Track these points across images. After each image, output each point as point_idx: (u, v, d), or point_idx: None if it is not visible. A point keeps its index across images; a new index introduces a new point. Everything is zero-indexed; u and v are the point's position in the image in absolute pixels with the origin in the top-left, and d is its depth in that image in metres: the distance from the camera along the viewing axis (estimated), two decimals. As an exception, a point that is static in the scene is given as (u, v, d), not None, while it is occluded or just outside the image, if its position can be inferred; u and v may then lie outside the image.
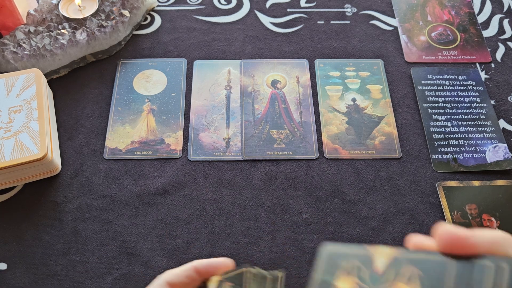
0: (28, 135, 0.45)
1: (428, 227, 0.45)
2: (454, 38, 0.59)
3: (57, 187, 0.47)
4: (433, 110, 0.53)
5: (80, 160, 0.49)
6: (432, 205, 0.47)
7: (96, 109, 0.53)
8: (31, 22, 0.55)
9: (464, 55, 0.58)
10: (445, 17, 0.61)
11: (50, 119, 0.48)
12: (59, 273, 0.42)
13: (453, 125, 0.52)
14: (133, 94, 0.54)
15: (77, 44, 0.53)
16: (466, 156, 0.50)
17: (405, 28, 0.60)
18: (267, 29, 0.60)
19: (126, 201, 0.46)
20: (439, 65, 0.57)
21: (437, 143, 0.51)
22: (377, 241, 0.44)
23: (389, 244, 0.44)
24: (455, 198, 0.47)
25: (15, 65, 0.52)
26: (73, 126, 0.51)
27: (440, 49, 0.58)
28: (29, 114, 0.46)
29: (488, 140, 0.51)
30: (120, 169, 0.48)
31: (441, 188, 0.47)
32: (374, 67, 0.56)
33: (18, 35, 0.53)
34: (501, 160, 0.49)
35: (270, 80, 0.55)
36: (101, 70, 0.56)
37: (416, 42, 0.59)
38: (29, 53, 0.52)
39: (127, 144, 0.50)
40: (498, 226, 0.45)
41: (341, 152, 0.50)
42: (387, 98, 0.54)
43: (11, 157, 0.43)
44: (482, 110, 0.53)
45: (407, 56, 0.57)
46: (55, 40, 0.53)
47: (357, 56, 0.57)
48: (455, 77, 0.56)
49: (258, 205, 0.47)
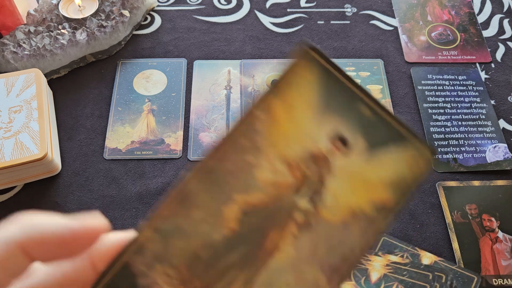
0: (28, 135, 0.45)
1: (428, 227, 0.45)
2: (454, 38, 0.59)
3: (57, 187, 0.47)
4: (433, 110, 0.53)
5: (80, 160, 0.49)
6: (432, 205, 0.46)
7: (96, 109, 0.53)
8: (31, 22, 0.55)
9: (464, 55, 0.58)
10: (445, 17, 0.61)
11: (50, 119, 0.48)
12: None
13: (453, 125, 0.52)
14: (133, 94, 0.54)
15: (77, 44, 0.53)
16: (466, 156, 0.50)
17: (405, 28, 0.60)
18: (267, 29, 0.60)
19: (126, 201, 0.46)
20: (439, 65, 0.57)
21: (437, 143, 0.51)
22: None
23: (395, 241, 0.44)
24: (455, 198, 0.47)
25: (15, 65, 0.52)
26: (73, 126, 0.51)
27: (440, 49, 0.58)
28: (29, 114, 0.46)
29: (488, 140, 0.51)
30: (120, 169, 0.48)
31: (441, 188, 0.47)
32: (374, 67, 0.56)
33: (18, 35, 0.53)
34: (501, 160, 0.49)
35: (270, 80, 0.55)
36: (101, 70, 0.56)
37: (416, 42, 0.59)
38: (29, 53, 0.52)
39: (127, 144, 0.50)
40: (498, 226, 0.45)
41: (341, 152, 0.50)
42: (387, 98, 0.54)
43: (11, 157, 0.43)
44: (482, 110, 0.53)
45: (407, 56, 0.57)
46: (55, 40, 0.53)
47: (357, 56, 0.57)
48: (455, 77, 0.56)
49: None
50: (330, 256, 0.18)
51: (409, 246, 0.43)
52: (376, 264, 0.40)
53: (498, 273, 0.43)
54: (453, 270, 0.41)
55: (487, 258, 0.43)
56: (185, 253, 0.18)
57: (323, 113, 0.19)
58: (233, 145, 0.19)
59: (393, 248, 0.42)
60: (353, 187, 0.19)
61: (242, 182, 0.19)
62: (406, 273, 0.40)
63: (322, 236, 0.19)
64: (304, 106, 0.19)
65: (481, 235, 0.45)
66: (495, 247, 0.44)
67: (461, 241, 0.44)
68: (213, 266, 0.18)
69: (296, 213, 0.19)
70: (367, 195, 0.19)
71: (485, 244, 0.44)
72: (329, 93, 0.19)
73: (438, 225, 0.45)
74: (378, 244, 0.43)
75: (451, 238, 0.44)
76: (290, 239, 0.19)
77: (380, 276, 0.40)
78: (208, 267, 0.18)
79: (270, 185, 0.19)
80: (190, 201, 0.19)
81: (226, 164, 0.19)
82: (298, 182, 0.19)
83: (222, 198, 0.19)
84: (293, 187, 0.19)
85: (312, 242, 0.19)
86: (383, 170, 0.19)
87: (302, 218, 0.19)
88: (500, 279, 0.42)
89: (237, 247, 0.19)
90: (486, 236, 0.45)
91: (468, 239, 0.44)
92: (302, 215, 0.19)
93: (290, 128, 0.19)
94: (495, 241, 0.44)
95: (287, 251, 0.19)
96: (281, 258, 0.19)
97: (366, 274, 0.40)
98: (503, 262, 0.43)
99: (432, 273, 0.40)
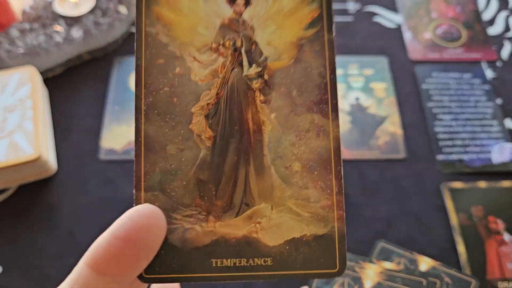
0: (22, 135, 0.44)
1: (434, 230, 0.44)
2: (459, 35, 0.58)
3: (52, 189, 0.46)
4: (438, 109, 0.52)
5: (76, 160, 0.48)
6: (437, 207, 0.45)
7: (92, 108, 0.51)
8: (26, 19, 0.54)
9: (470, 52, 0.57)
10: (450, 14, 0.60)
11: (45, 119, 0.47)
12: (54, 276, 0.41)
13: (458, 124, 0.51)
14: (130, 93, 0.53)
15: (73, 41, 0.52)
16: (471, 157, 0.49)
17: (410, 25, 0.59)
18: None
19: (123, 202, 0.45)
20: (444, 63, 0.56)
21: (442, 143, 0.50)
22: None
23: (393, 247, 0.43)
24: (460, 200, 0.46)
25: (10, 63, 0.51)
26: (68, 126, 0.50)
27: (445, 47, 0.57)
28: (23, 113, 0.45)
29: (494, 140, 0.50)
30: (116, 170, 0.47)
31: (446, 189, 0.46)
32: (378, 65, 0.55)
33: (12, 33, 0.52)
34: (507, 161, 0.48)
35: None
36: (97, 68, 0.55)
37: (420, 40, 0.57)
38: (24, 51, 0.51)
39: (123, 144, 0.49)
40: (505, 228, 0.44)
41: (344, 153, 0.49)
42: (391, 97, 0.53)
43: (5, 157, 0.42)
44: (487, 109, 0.52)
45: (411, 53, 0.56)
46: (50, 37, 0.52)
47: (360, 54, 0.56)
48: (460, 75, 0.55)
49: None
50: (307, 94, 0.19)
51: (408, 251, 0.42)
52: (370, 271, 0.40)
53: (503, 276, 0.42)
54: (451, 274, 0.41)
55: (492, 261, 0.42)
56: (188, 187, 0.18)
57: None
58: (154, 71, 0.19)
59: (390, 254, 0.42)
60: (278, 26, 0.19)
61: (187, 95, 0.19)
62: (399, 280, 0.39)
63: (288, 83, 0.19)
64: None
65: (487, 237, 0.44)
66: (501, 249, 0.43)
67: (467, 244, 0.43)
68: (219, 178, 0.18)
69: (250, 82, 0.19)
70: (294, 23, 0.19)
71: (491, 246, 0.43)
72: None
73: (443, 227, 0.44)
74: (375, 251, 0.42)
75: (456, 241, 0.43)
76: (263, 107, 0.19)
77: (374, 284, 0.39)
78: (216, 182, 0.18)
79: (211, 77, 0.19)
80: (156, 144, 0.18)
81: (161, 92, 0.19)
82: (231, 55, 0.19)
83: (181, 120, 0.19)
84: (230, 62, 0.19)
85: (282, 94, 0.19)
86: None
87: (259, 82, 0.19)
88: (505, 281, 0.41)
89: (226, 147, 0.19)
90: (492, 239, 0.44)
91: (473, 241, 0.43)
92: (256, 80, 0.19)
93: (188, 19, 0.19)
94: (501, 243, 0.43)
95: (269, 117, 0.19)
96: (270, 127, 0.19)
97: (359, 283, 0.39)
98: (509, 265, 0.42)
99: (426, 279, 0.40)
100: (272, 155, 0.19)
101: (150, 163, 0.18)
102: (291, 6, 0.19)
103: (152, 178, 0.18)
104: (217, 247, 0.18)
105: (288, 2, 0.19)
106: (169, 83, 0.19)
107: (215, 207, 0.18)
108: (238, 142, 0.19)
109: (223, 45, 0.19)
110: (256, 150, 0.19)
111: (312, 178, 0.18)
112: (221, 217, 0.18)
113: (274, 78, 0.19)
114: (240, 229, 0.18)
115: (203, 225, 0.18)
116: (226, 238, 0.18)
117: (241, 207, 0.18)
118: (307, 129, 0.19)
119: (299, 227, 0.18)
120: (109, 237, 0.16)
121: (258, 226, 0.18)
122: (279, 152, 0.19)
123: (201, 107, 0.19)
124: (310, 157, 0.19)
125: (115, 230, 0.16)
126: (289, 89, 0.19)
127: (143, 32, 0.19)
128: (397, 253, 0.42)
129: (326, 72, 0.19)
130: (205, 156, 0.19)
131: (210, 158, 0.19)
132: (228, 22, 0.19)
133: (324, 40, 0.19)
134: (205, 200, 0.18)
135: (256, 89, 0.19)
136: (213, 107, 0.19)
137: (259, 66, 0.19)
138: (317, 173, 0.19)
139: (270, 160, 0.19)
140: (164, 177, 0.18)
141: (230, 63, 0.19)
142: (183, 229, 0.18)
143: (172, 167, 0.18)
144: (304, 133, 0.19)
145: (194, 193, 0.18)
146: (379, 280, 0.39)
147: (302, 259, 0.18)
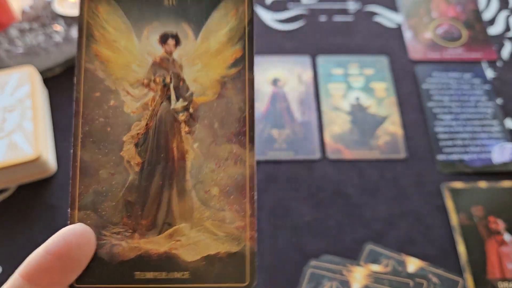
0: (22, 135, 0.44)
1: (434, 230, 0.44)
2: (459, 35, 0.58)
3: (52, 189, 0.46)
4: (438, 109, 0.52)
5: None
6: (437, 207, 0.45)
7: (92, 108, 0.51)
8: (26, 19, 0.54)
9: (470, 52, 0.57)
10: (450, 13, 0.60)
11: (45, 119, 0.47)
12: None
13: (459, 124, 0.51)
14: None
15: (72, 41, 0.52)
16: (472, 157, 0.49)
17: (410, 25, 0.59)
18: (268, 26, 0.59)
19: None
20: (444, 62, 0.56)
21: (442, 143, 0.49)
22: (381, 245, 0.43)
23: (393, 247, 0.43)
24: (461, 200, 0.46)
25: (9, 63, 0.51)
26: (68, 126, 0.50)
27: (446, 47, 0.57)
28: (23, 113, 0.45)
29: (494, 140, 0.50)
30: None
31: (446, 189, 0.46)
32: (378, 65, 0.55)
33: (12, 33, 0.52)
34: (508, 161, 0.48)
35: (271, 78, 0.54)
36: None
37: (421, 39, 0.57)
38: (23, 51, 0.50)
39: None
40: (505, 228, 0.44)
41: (344, 153, 0.49)
42: (392, 96, 0.53)
43: (5, 157, 0.42)
44: (488, 109, 0.52)
45: (411, 53, 0.56)
46: (50, 37, 0.52)
47: (360, 53, 0.56)
48: (460, 75, 0.54)
49: (258, 207, 0.45)
50: (228, 126, 0.21)
51: (396, 252, 0.42)
52: (357, 274, 0.40)
53: (504, 276, 0.42)
54: (438, 274, 0.41)
55: (493, 261, 0.42)
56: (117, 208, 0.20)
57: (139, 28, 0.21)
58: (91, 104, 0.21)
59: (379, 256, 0.42)
60: (205, 64, 0.21)
61: (120, 125, 0.21)
62: (386, 282, 0.40)
63: (210, 117, 0.21)
64: (120, 34, 0.21)
65: (487, 237, 0.44)
66: (501, 249, 0.43)
67: (467, 244, 0.43)
68: (145, 200, 0.21)
69: (177, 115, 0.21)
70: (219, 62, 0.22)
71: (491, 246, 0.43)
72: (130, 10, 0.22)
73: (443, 227, 0.44)
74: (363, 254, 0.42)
75: (456, 241, 0.43)
76: (187, 137, 0.21)
77: (361, 286, 0.40)
78: (142, 203, 0.20)
79: (141, 110, 0.21)
80: (90, 168, 0.21)
81: (97, 122, 0.21)
82: (160, 90, 0.21)
83: (114, 147, 0.21)
84: (160, 96, 0.21)
85: (205, 126, 0.21)
86: (218, 34, 0.22)
87: (184, 115, 0.21)
88: (506, 282, 0.41)
89: (153, 172, 0.21)
90: (492, 239, 0.44)
91: (474, 241, 0.43)
92: (182, 113, 0.21)
93: (124, 57, 0.21)
94: (501, 243, 0.43)
95: (193, 146, 0.21)
96: (192, 155, 0.21)
97: (347, 286, 0.39)
98: (509, 265, 0.42)
99: (413, 279, 0.40)
100: (193, 180, 0.21)
101: (84, 185, 0.21)
102: (217, 47, 0.22)
103: (86, 198, 0.20)
104: (141, 261, 0.20)
105: (215, 43, 0.22)
106: (104, 114, 0.21)
107: (141, 225, 0.20)
108: (164, 168, 0.21)
109: (154, 81, 0.21)
110: (179, 175, 0.21)
111: (228, 201, 0.21)
112: (146, 235, 0.20)
113: (199, 112, 0.21)
114: (162, 245, 0.20)
115: (129, 241, 0.20)
116: (149, 253, 0.20)
117: (164, 226, 0.21)
118: (226, 157, 0.21)
119: (215, 245, 0.20)
120: (42, 252, 0.18)
121: (178, 243, 0.20)
122: (200, 178, 0.21)
123: (131, 136, 0.21)
124: (228, 183, 0.21)
125: (49, 246, 0.19)
126: (212, 121, 0.21)
127: (82, 68, 0.21)
128: (385, 255, 0.42)
129: (245, 107, 0.22)
130: (134, 180, 0.21)
131: (138, 181, 0.21)
132: (159, 61, 0.21)
133: (245, 78, 0.22)
134: (132, 219, 0.20)
135: (182, 121, 0.21)
136: (142, 136, 0.21)
137: (185, 100, 0.21)
138: (233, 197, 0.21)
139: (192, 185, 0.21)
140: (96, 198, 0.20)
141: (159, 97, 0.21)
142: (111, 244, 0.20)
143: (103, 189, 0.20)
144: (223, 161, 0.21)
145: (122, 213, 0.20)
146: (366, 283, 0.40)
147: (217, 274, 0.20)
